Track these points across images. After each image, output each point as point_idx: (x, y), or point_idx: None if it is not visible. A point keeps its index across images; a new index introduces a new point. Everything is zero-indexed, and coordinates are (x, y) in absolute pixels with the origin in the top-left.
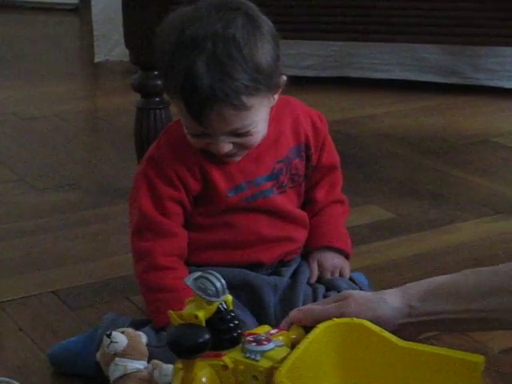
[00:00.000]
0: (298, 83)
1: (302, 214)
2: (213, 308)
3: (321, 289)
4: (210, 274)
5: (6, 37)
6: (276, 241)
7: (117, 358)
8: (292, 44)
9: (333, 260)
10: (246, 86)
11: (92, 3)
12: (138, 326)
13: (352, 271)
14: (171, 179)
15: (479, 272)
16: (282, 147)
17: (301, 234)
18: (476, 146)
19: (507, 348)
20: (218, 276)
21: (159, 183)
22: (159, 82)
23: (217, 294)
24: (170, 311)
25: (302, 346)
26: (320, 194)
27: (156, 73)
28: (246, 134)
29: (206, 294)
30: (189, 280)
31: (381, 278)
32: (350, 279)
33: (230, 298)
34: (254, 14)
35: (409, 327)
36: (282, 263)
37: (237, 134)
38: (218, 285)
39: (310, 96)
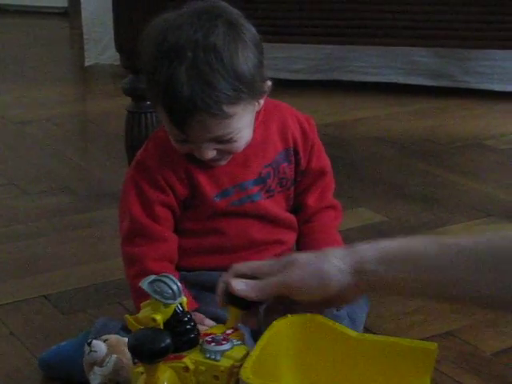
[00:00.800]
0: (289, 86)
1: (290, 218)
2: (170, 311)
3: None
4: (166, 276)
5: None
6: (266, 244)
7: (95, 368)
8: (283, 47)
9: None
10: (227, 95)
11: (82, 7)
12: (128, 330)
13: None
14: (159, 183)
15: (441, 244)
16: (270, 151)
17: (290, 237)
18: (467, 149)
19: (499, 350)
20: (174, 279)
21: (147, 188)
22: None
23: (173, 297)
24: (126, 315)
25: (261, 343)
26: (311, 200)
27: None
28: (229, 140)
29: (163, 297)
30: (144, 284)
31: None
32: None
33: (184, 299)
34: (236, 22)
35: (356, 289)
36: None
37: (220, 141)
38: (175, 287)
39: (300, 99)
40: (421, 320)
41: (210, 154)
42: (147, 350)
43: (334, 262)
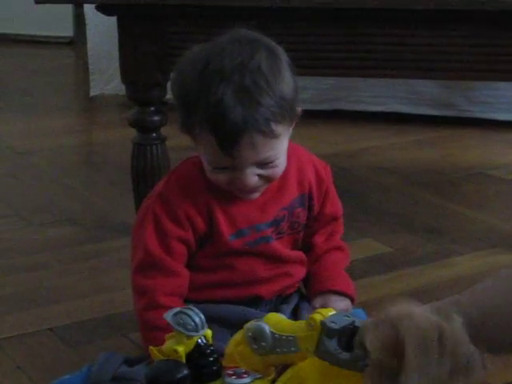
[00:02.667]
0: None
1: (297, 254)
2: (192, 342)
3: None
4: (189, 309)
5: (0, 70)
6: (274, 277)
7: None
8: None
9: (336, 303)
10: (274, 112)
11: (87, 37)
12: (131, 363)
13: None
14: (179, 219)
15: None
16: (287, 195)
17: (298, 270)
18: (471, 179)
19: (508, 382)
20: (197, 311)
21: (167, 222)
22: (156, 118)
23: (196, 329)
24: (151, 347)
25: (283, 378)
26: (319, 240)
27: (152, 108)
28: (272, 164)
29: (186, 329)
30: (168, 316)
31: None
32: None
33: (209, 332)
34: (273, 47)
35: None
36: (281, 299)
37: (263, 164)
38: (197, 320)
39: (304, 129)
40: None
41: (253, 180)
42: (164, 381)
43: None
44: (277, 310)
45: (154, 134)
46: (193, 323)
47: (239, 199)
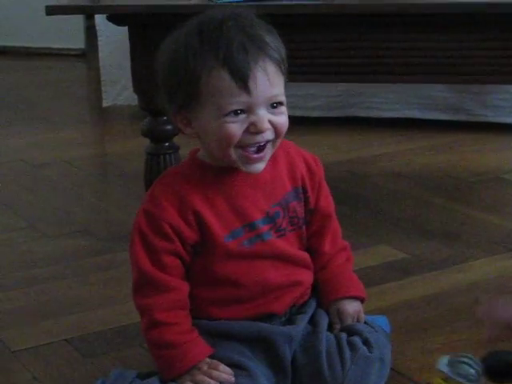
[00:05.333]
0: (306, 124)
1: (305, 256)
2: None
3: (343, 335)
4: (466, 357)
5: (13, 83)
6: (283, 288)
7: None
8: (299, 85)
9: (352, 307)
10: (278, 47)
11: (99, 48)
12: (144, 377)
13: (372, 314)
14: (165, 232)
15: None
16: (278, 190)
17: (306, 276)
18: (486, 183)
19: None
20: (473, 358)
21: (153, 237)
22: (169, 127)
23: (477, 379)
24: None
25: None
26: (326, 247)
27: (165, 118)
28: (280, 109)
29: (468, 380)
30: (443, 366)
31: (396, 319)
32: (365, 322)
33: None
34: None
35: None
36: (296, 310)
37: (274, 105)
38: (478, 368)
39: (317, 136)
40: None
41: (267, 124)
42: None
43: None
44: (292, 322)
45: (167, 144)
46: (474, 372)
47: (229, 198)
